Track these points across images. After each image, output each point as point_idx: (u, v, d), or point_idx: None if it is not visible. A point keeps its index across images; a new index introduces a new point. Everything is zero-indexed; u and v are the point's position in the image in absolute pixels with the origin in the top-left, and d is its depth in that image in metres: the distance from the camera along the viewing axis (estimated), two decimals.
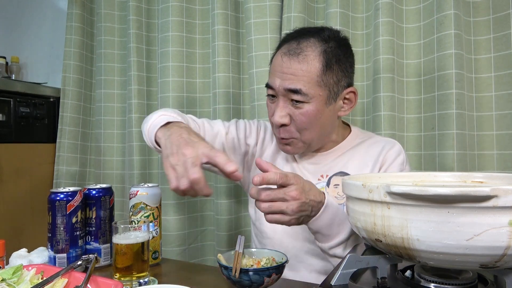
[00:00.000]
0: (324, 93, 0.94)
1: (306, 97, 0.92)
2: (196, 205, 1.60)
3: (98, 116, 1.74)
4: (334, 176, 1.01)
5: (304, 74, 0.92)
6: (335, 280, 0.55)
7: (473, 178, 0.68)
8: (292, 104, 0.94)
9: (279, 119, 0.95)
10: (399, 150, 1.01)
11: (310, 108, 0.93)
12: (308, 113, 0.93)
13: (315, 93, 0.93)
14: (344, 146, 1.05)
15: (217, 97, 1.48)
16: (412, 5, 1.30)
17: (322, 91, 0.93)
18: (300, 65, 0.92)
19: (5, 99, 1.60)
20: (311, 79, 0.92)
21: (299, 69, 0.92)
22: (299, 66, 0.92)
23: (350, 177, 0.66)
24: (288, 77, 0.93)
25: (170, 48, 1.53)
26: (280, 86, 0.94)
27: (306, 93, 0.92)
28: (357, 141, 1.06)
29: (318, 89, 0.93)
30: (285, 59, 0.94)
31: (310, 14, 1.39)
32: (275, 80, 0.95)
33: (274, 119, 0.96)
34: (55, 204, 0.90)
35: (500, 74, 1.19)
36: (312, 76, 0.92)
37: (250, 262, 0.77)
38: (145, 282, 0.81)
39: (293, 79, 0.92)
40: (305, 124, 0.94)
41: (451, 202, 0.45)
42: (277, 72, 0.95)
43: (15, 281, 0.68)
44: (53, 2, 2.11)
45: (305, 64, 0.92)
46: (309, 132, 0.96)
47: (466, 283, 0.53)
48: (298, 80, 0.92)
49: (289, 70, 0.93)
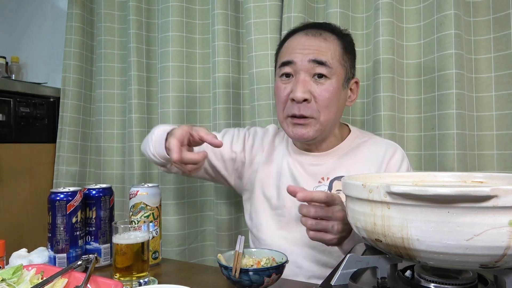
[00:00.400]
0: (343, 73, 0.97)
1: (330, 70, 0.94)
2: (196, 205, 1.60)
3: (98, 116, 1.74)
4: (335, 180, 1.00)
5: (328, 50, 0.95)
6: (335, 280, 0.55)
7: (473, 178, 0.68)
8: (314, 80, 0.95)
9: (302, 94, 0.93)
10: (402, 156, 1.01)
11: (332, 84, 0.94)
12: (330, 90, 0.94)
13: (337, 69, 0.95)
14: (344, 147, 1.05)
15: (217, 97, 1.48)
16: (412, 5, 1.30)
17: (341, 70, 0.97)
18: (324, 43, 0.95)
19: (5, 99, 1.60)
20: (334, 56, 0.96)
21: (323, 45, 0.95)
22: (323, 44, 0.95)
23: (350, 177, 0.66)
24: (312, 51, 0.94)
25: (170, 48, 1.53)
26: (304, 60, 0.94)
27: (331, 66, 0.94)
28: (357, 142, 1.05)
29: (339, 67, 0.96)
30: (308, 36, 0.96)
31: (310, 14, 1.39)
32: (297, 55, 0.95)
33: (296, 95, 0.94)
34: (55, 204, 0.90)
35: (500, 74, 1.19)
36: (335, 53, 0.96)
37: (250, 262, 0.77)
38: (145, 282, 0.81)
39: (318, 51, 0.94)
40: (327, 101, 0.94)
41: (451, 202, 0.45)
42: (297, 49, 0.96)
43: (15, 281, 0.68)
44: (53, 2, 2.11)
45: (328, 42, 0.96)
46: (328, 112, 0.96)
47: (466, 283, 0.53)
48: (323, 53, 0.94)
49: (312, 46, 0.95)
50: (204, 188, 1.61)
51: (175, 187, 1.54)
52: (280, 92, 0.99)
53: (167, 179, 1.54)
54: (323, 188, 1.00)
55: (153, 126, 1.66)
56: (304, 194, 0.77)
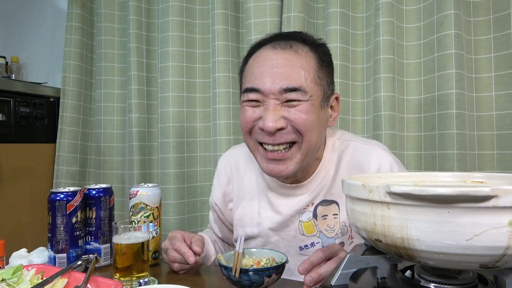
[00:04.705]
0: (320, 94, 0.82)
1: (305, 95, 0.79)
2: (196, 205, 1.60)
3: (98, 116, 1.74)
4: (319, 205, 0.90)
5: (301, 69, 0.79)
6: (335, 280, 0.55)
7: (473, 178, 0.68)
8: (286, 104, 0.80)
9: (274, 123, 0.78)
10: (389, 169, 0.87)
11: (308, 106, 0.80)
12: (307, 110, 0.79)
13: (313, 90, 0.80)
14: (325, 163, 0.91)
15: (217, 97, 1.48)
16: (412, 5, 1.30)
17: (318, 90, 0.81)
18: (296, 56, 0.79)
19: (5, 99, 1.60)
20: (309, 75, 0.80)
21: (295, 60, 0.79)
22: (295, 58, 0.79)
23: (350, 177, 0.65)
24: (283, 73, 0.78)
25: (170, 48, 1.53)
26: (274, 87, 0.78)
27: (306, 90, 0.78)
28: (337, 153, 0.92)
29: (315, 87, 0.81)
30: (276, 51, 0.80)
31: (310, 14, 1.39)
32: (265, 81, 0.79)
33: (267, 125, 0.78)
34: (55, 204, 0.89)
35: (500, 74, 1.19)
36: (310, 71, 0.80)
37: (250, 262, 0.77)
38: (145, 282, 0.81)
39: (290, 74, 0.78)
40: (305, 122, 0.79)
41: (451, 202, 0.45)
42: (264, 72, 0.79)
43: (15, 281, 0.68)
44: (53, 2, 2.11)
45: (300, 57, 0.79)
46: (310, 135, 0.81)
47: (466, 283, 0.53)
48: (296, 75, 0.78)
49: (282, 62, 0.78)
50: (204, 188, 1.61)
51: (175, 187, 1.54)
52: (246, 116, 0.83)
53: (167, 179, 1.54)
54: (308, 216, 0.91)
55: (153, 126, 1.69)
56: (304, 267, 0.71)
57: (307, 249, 0.91)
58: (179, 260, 0.87)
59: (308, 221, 0.91)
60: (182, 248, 0.85)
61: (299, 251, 0.92)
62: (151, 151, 1.67)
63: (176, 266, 0.88)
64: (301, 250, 0.92)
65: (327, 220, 0.90)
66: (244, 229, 0.98)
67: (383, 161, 0.88)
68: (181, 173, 1.56)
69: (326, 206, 0.90)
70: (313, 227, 0.91)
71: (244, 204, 0.99)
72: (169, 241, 0.90)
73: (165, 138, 1.55)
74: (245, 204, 0.99)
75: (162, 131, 1.56)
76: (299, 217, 0.92)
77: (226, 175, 1.04)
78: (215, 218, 1.09)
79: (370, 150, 0.90)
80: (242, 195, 1.00)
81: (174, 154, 1.54)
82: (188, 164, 1.58)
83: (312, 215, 0.91)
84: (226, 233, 1.09)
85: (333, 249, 0.75)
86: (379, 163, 0.87)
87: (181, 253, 0.85)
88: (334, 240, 0.89)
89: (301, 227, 0.92)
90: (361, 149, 0.91)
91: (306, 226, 0.92)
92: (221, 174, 1.05)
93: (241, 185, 1.01)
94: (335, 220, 0.89)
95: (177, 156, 1.55)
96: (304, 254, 0.90)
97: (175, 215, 1.53)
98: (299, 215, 0.92)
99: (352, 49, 1.36)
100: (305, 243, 0.91)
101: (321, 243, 0.90)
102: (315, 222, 0.91)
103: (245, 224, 0.98)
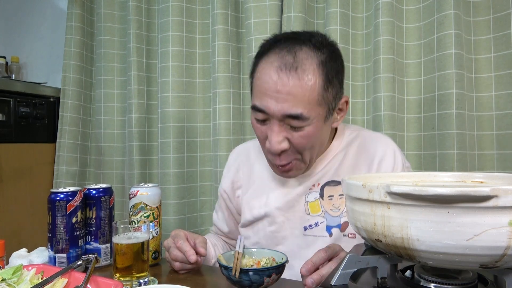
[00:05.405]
0: (323, 111, 0.85)
1: (306, 120, 0.82)
2: (196, 205, 1.60)
3: (98, 116, 1.74)
4: (326, 186, 0.95)
5: (304, 94, 0.81)
6: (335, 280, 0.55)
7: (473, 178, 0.68)
8: (289, 127, 0.84)
9: (278, 146, 0.84)
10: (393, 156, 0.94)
11: (310, 130, 0.84)
12: (309, 135, 0.84)
13: (316, 114, 0.83)
14: (334, 149, 0.98)
15: (217, 97, 1.48)
16: (412, 5, 1.30)
17: (322, 109, 0.84)
18: (300, 82, 0.81)
19: (5, 99, 1.60)
20: (312, 99, 0.82)
21: (298, 87, 0.80)
22: (298, 83, 0.81)
23: (350, 177, 0.65)
24: (285, 98, 0.81)
25: (170, 48, 1.53)
26: (277, 111, 0.82)
27: (307, 116, 0.82)
28: (346, 141, 0.99)
29: (318, 108, 0.83)
30: (280, 75, 0.81)
31: (310, 14, 1.39)
32: (269, 103, 0.82)
33: (272, 147, 0.85)
34: (55, 204, 0.89)
35: (500, 74, 1.19)
36: (314, 95, 0.82)
37: (250, 262, 0.77)
38: (145, 282, 0.81)
39: (292, 101, 0.81)
40: (306, 145, 0.86)
41: (451, 202, 0.45)
42: (270, 91, 0.82)
43: (15, 281, 0.68)
44: (53, 2, 2.11)
45: (305, 80, 0.81)
46: (309, 152, 0.88)
47: (466, 283, 0.53)
48: (298, 101, 0.81)
49: (285, 88, 0.80)
50: (204, 188, 1.61)
51: (175, 187, 1.54)
52: (259, 134, 0.90)
53: (167, 179, 1.54)
54: (315, 196, 0.95)
55: (153, 126, 1.69)
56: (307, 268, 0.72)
57: (311, 228, 0.95)
58: (180, 258, 0.88)
59: (314, 201, 0.95)
60: (184, 247, 0.87)
61: (303, 231, 0.95)
62: (151, 151, 1.67)
63: (177, 265, 0.89)
64: (305, 230, 0.95)
65: (333, 200, 0.94)
66: (252, 212, 1.01)
67: (388, 147, 0.96)
68: (181, 173, 1.56)
69: (333, 187, 0.95)
70: (319, 206, 0.95)
71: (253, 188, 1.04)
72: (172, 239, 0.91)
73: (165, 138, 1.55)
74: (254, 188, 1.03)
75: (162, 131, 1.56)
76: (306, 198, 0.96)
77: (235, 165, 1.09)
78: (222, 208, 1.11)
79: (377, 137, 1.00)
80: (252, 182, 1.05)
81: (174, 154, 1.55)
82: (188, 164, 1.58)
83: (319, 195, 0.95)
84: (232, 225, 1.11)
85: (334, 249, 0.77)
86: (384, 149, 0.95)
87: (183, 251, 0.87)
88: (339, 219, 0.92)
89: (307, 207, 0.96)
90: (369, 136, 1.00)
91: (312, 206, 0.95)
92: (231, 164, 1.11)
93: (251, 173, 1.06)
94: (341, 200, 0.93)
95: (177, 156, 1.55)
96: (308, 234, 0.94)
97: (175, 215, 1.53)
98: (306, 195, 0.96)
99: (352, 49, 1.36)
100: (310, 222, 0.95)
101: (325, 223, 0.93)
102: (321, 202, 0.95)
103: (252, 206, 1.02)
